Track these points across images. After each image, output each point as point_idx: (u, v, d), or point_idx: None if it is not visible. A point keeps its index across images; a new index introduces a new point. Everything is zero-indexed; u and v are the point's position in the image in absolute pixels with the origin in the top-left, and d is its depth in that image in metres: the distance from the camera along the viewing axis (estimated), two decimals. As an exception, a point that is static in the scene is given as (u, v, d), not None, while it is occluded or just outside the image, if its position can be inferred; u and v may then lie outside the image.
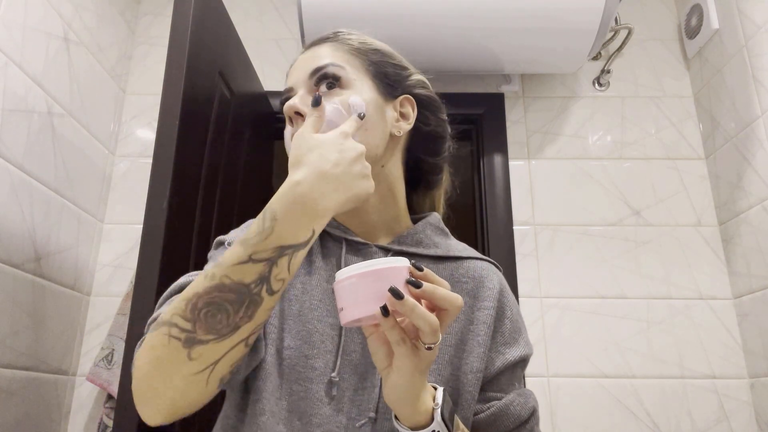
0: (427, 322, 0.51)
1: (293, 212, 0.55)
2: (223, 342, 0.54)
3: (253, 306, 0.54)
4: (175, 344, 0.53)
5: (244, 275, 0.53)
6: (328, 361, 0.66)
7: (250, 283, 0.53)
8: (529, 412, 0.69)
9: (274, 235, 0.54)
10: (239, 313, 0.53)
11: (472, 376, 0.68)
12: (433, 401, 0.57)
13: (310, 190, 0.55)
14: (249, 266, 0.53)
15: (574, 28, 1.54)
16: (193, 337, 0.53)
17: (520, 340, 0.73)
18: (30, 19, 1.38)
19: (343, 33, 0.78)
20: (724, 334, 1.59)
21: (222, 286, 0.53)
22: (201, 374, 0.54)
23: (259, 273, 0.54)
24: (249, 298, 0.54)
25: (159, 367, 0.54)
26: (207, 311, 0.53)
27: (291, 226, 0.54)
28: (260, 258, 0.54)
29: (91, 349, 1.59)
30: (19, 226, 1.33)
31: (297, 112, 0.71)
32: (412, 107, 0.78)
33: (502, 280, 0.77)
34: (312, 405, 0.64)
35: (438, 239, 0.79)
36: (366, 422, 0.64)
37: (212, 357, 0.54)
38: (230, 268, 0.53)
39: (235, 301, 0.53)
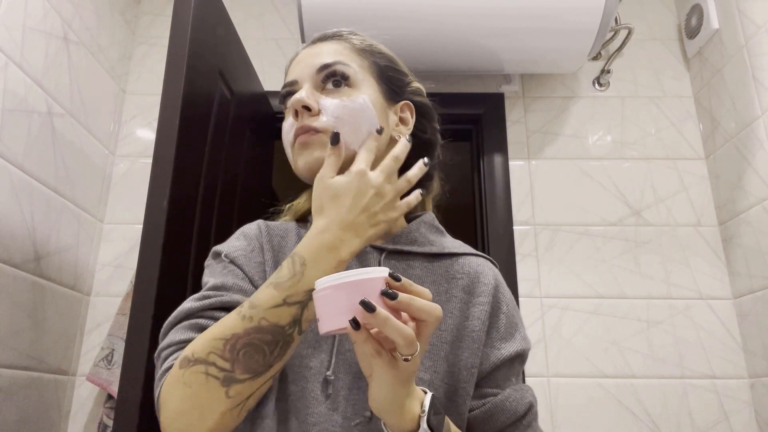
0: (401, 335, 0.49)
1: (320, 258, 0.59)
2: (258, 380, 0.58)
3: (285, 346, 0.58)
4: (213, 383, 0.56)
5: (280, 318, 0.57)
6: (323, 360, 0.66)
7: (285, 325, 0.58)
8: (526, 407, 0.68)
9: (305, 279, 0.58)
10: (274, 354, 0.58)
11: (466, 372, 0.68)
12: (421, 408, 0.56)
13: (334, 238, 0.60)
14: (284, 309, 0.58)
15: (574, 28, 1.54)
16: (231, 376, 0.57)
17: (516, 335, 0.72)
18: (30, 19, 1.38)
19: (350, 32, 0.78)
20: (724, 334, 1.59)
21: (260, 328, 0.57)
22: (235, 409, 0.58)
23: (293, 315, 0.58)
24: (283, 339, 0.58)
25: (196, 404, 0.57)
26: (245, 352, 0.57)
27: (319, 270, 0.59)
28: (293, 301, 0.58)
29: (91, 349, 1.59)
30: (19, 226, 1.33)
31: (305, 106, 0.71)
32: (411, 113, 0.80)
33: (498, 276, 0.76)
34: (308, 404, 0.64)
35: (433, 237, 0.79)
36: (361, 421, 0.64)
37: (247, 393, 0.58)
38: (267, 311, 0.57)
39: (272, 342, 0.57)
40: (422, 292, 0.53)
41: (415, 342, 0.50)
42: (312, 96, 0.71)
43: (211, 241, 1.28)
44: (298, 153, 0.72)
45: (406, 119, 0.79)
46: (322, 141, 0.70)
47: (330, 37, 0.77)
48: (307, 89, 0.72)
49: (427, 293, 0.53)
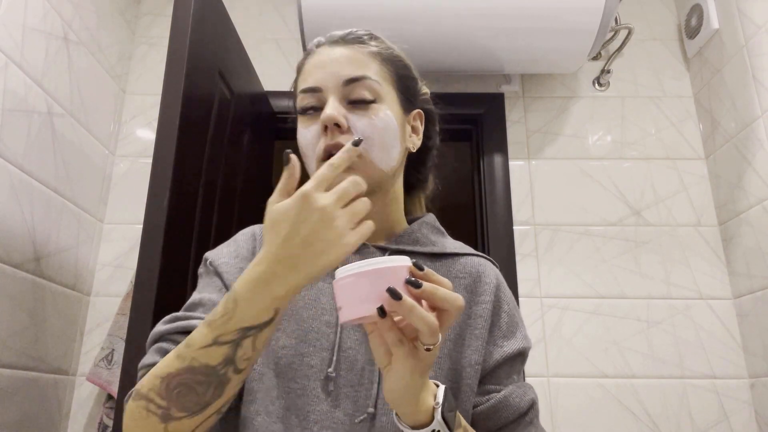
0: (426, 323, 0.50)
1: (253, 294, 0.54)
2: (195, 417, 0.57)
3: (221, 386, 0.56)
4: (153, 419, 0.57)
5: (210, 358, 0.55)
6: (325, 358, 0.67)
7: (216, 366, 0.55)
8: (528, 403, 0.69)
9: (236, 318, 0.54)
10: (208, 393, 0.56)
11: (470, 369, 0.68)
12: (434, 400, 0.56)
13: (266, 272, 0.54)
14: (214, 349, 0.55)
15: (574, 28, 1.54)
16: (168, 413, 0.56)
17: (517, 333, 0.73)
18: (30, 19, 1.38)
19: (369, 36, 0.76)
20: (724, 334, 1.59)
21: (191, 369, 0.56)
22: None
23: (225, 355, 0.55)
24: (217, 380, 0.56)
25: None
26: (179, 391, 0.56)
27: (251, 308, 0.54)
28: (224, 341, 0.55)
29: (91, 349, 1.59)
30: (19, 226, 1.33)
31: (336, 123, 0.69)
32: (421, 121, 0.80)
33: (498, 276, 0.77)
34: (309, 402, 0.65)
35: (434, 238, 0.80)
36: (365, 418, 0.64)
37: (187, 428, 0.57)
38: (197, 351, 0.55)
39: (204, 383, 0.56)
40: (443, 281, 0.53)
41: (438, 330, 0.51)
42: (341, 112, 0.69)
43: (211, 241, 1.28)
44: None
45: (417, 128, 0.79)
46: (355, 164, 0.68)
47: (351, 40, 0.75)
48: (335, 105, 0.69)
49: (448, 283, 0.53)
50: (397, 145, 0.73)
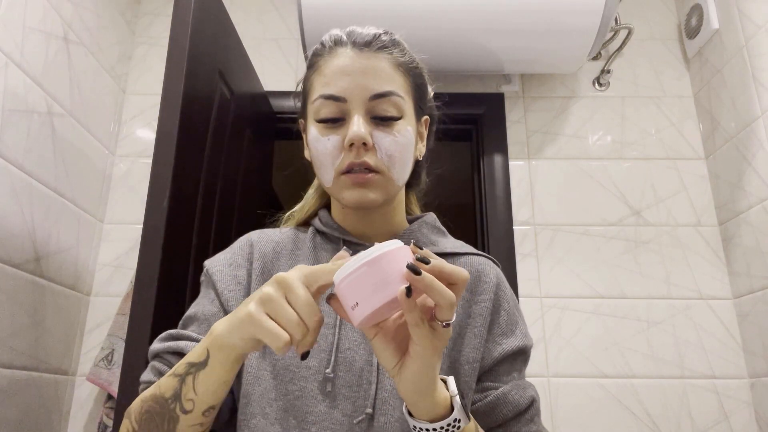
0: (445, 296, 0.49)
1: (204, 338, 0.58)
2: None
3: (172, 422, 0.58)
4: None
5: (166, 389, 0.58)
6: (323, 360, 0.67)
7: (168, 399, 0.58)
8: (528, 401, 0.69)
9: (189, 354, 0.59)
10: (163, 426, 0.58)
11: (468, 367, 0.68)
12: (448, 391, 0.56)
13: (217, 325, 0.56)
14: (170, 380, 0.59)
15: (574, 28, 1.54)
16: None
17: (517, 331, 0.73)
18: (30, 19, 1.38)
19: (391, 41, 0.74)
20: (724, 334, 1.59)
21: (155, 396, 0.59)
22: None
23: (174, 389, 0.58)
24: (168, 415, 0.58)
25: None
26: (145, 418, 0.59)
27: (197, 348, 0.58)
28: (177, 373, 0.58)
29: (91, 349, 1.59)
30: (19, 226, 1.33)
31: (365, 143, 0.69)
32: (426, 126, 0.80)
33: (499, 275, 0.77)
34: (307, 403, 0.65)
35: (435, 237, 0.80)
36: (363, 418, 0.64)
37: None
38: (165, 377, 0.59)
39: (159, 414, 0.58)
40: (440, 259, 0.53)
41: (455, 304, 0.50)
42: (367, 130, 0.69)
43: (211, 241, 1.28)
44: (350, 188, 0.70)
45: (423, 134, 0.80)
46: (377, 183, 0.70)
47: (378, 48, 0.72)
48: (362, 123, 0.68)
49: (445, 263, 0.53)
50: (411, 159, 0.74)
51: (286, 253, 0.76)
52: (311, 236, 0.78)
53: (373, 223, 0.77)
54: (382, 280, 0.49)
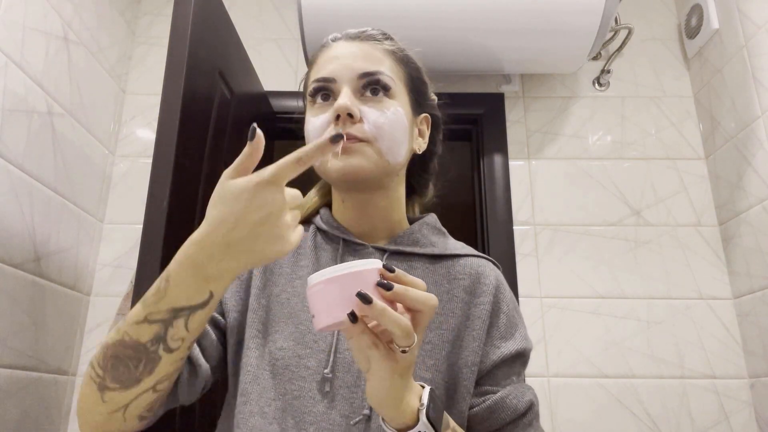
0: (399, 325, 0.49)
1: (185, 275, 0.53)
2: (129, 391, 0.57)
3: (151, 363, 0.56)
4: (92, 386, 0.58)
5: (140, 335, 0.55)
6: (321, 360, 0.67)
7: (146, 342, 0.55)
8: (526, 405, 0.69)
9: (167, 298, 0.54)
10: (138, 369, 0.56)
11: (467, 370, 0.68)
12: (420, 401, 0.56)
13: (199, 253, 0.52)
14: (145, 326, 0.55)
15: (574, 28, 1.54)
16: (103, 383, 0.57)
17: (516, 334, 0.73)
18: (30, 19, 1.38)
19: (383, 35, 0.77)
20: (724, 334, 1.59)
21: (123, 342, 0.56)
22: (115, 413, 0.58)
23: (155, 333, 0.55)
24: (146, 357, 0.56)
25: (83, 401, 0.60)
26: (112, 363, 0.56)
27: (183, 289, 0.53)
28: (154, 319, 0.54)
29: (91, 349, 1.59)
30: (19, 226, 1.33)
31: (350, 113, 0.69)
32: (428, 126, 0.81)
33: (499, 276, 0.77)
34: (305, 403, 0.64)
35: (435, 238, 0.79)
36: (361, 419, 0.64)
37: (121, 402, 0.58)
38: (130, 326, 0.56)
39: (134, 357, 0.56)
40: (416, 282, 0.53)
41: (412, 333, 0.50)
42: (354, 102, 0.70)
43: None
44: (334, 156, 0.70)
45: (424, 132, 0.80)
46: (363, 151, 0.69)
47: (366, 37, 0.76)
48: (349, 95, 0.70)
49: (422, 284, 0.53)
50: (405, 142, 0.74)
51: None
52: (312, 235, 0.78)
53: (371, 218, 0.76)
54: (338, 301, 0.50)
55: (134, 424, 0.60)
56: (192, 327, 0.55)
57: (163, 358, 0.56)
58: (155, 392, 0.58)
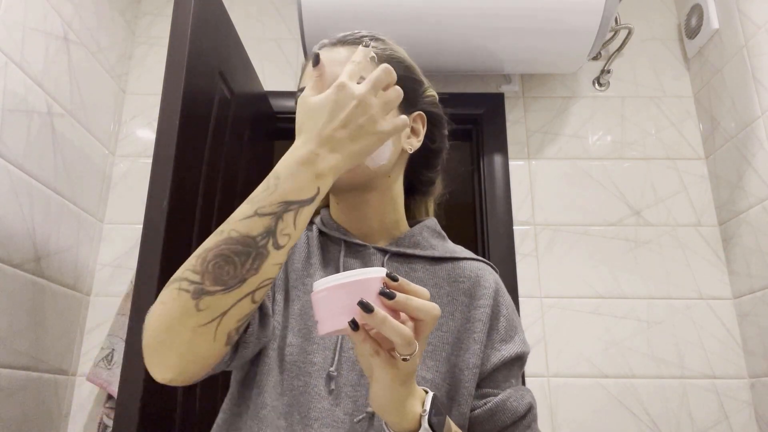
0: (399, 334, 0.49)
1: (296, 171, 0.58)
2: (231, 293, 0.55)
3: (259, 259, 0.55)
4: (184, 296, 0.54)
5: (251, 229, 0.55)
6: (327, 357, 0.67)
7: (257, 236, 0.55)
8: (526, 407, 0.70)
9: (278, 192, 0.57)
10: (246, 266, 0.55)
11: (468, 372, 0.69)
12: (422, 407, 0.56)
13: (309, 153, 0.58)
14: (255, 220, 0.56)
15: (574, 28, 1.54)
16: (201, 288, 0.54)
17: (515, 337, 0.74)
18: (30, 19, 1.38)
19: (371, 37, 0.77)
20: (724, 334, 1.59)
21: (230, 239, 0.55)
22: (208, 326, 0.55)
23: (266, 226, 0.56)
24: (255, 251, 0.55)
25: (168, 320, 0.55)
26: (215, 263, 0.54)
27: (293, 183, 0.57)
28: (265, 212, 0.56)
29: (91, 349, 1.59)
30: (19, 226, 1.33)
31: None
32: (423, 124, 0.80)
33: (497, 280, 0.78)
34: (311, 399, 0.65)
35: (435, 241, 0.80)
36: (364, 417, 0.65)
37: (220, 308, 0.55)
38: (238, 222, 0.56)
39: (242, 253, 0.55)
40: (419, 291, 0.53)
41: (413, 341, 0.51)
42: None
43: (211, 241, 1.28)
44: None
45: (418, 130, 0.79)
46: None
47: (350, 41, 0.75)
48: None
49: (425, 292, 0.53)
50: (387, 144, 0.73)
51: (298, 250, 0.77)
52: (316, 235, 0.79)
53: (366, 218, 0.77)
54: (341, 308, 0.50)
55: (222, 346, 0.56)
56: (299, 223, 0.57)
57: (270, 254, 0.56)
58: (253, 302, 0.57)
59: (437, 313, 0.52)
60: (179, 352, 0.55)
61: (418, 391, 0.57)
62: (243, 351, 0.62)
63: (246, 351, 0.63)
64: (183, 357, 0.55)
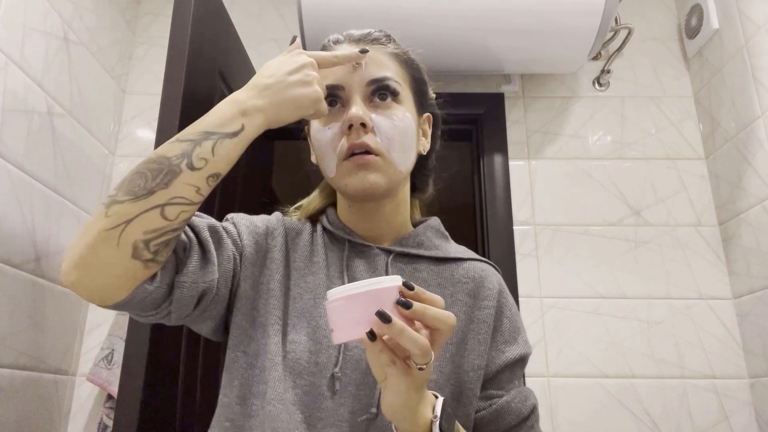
0: (417, 344, 0.50)
1: (222, 108, 0.63)
2: (137, 203, 0.57)
3: (170, 175, 0.58)
4: (100, 209, 0.58)
5: (168, 150, 0.60)
6: (331, 356, 0.67)
7: (172, 157, 0.59)
8: (530, 409, 0.70)
9: (202, 123, 0.62)
10: (156, 180, 0.58)
11: (473, 374, 0.69)
12: (432, 412, 0.56)
13: (239, 96, 0.64)
14: (175, 144, 0.60)
15: (574, 28, 1.54)
16: (114, 198, 0.58)
17: (519, 339, 0.74)
18: (30, 19, 1.38)
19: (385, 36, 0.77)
20: (724, 334, 1.59)
21: (148, 159, 0.60)
22: (112, 231, 0.57)
23: (183, 149, 0.60)
24: (168, 168, 0.59)
25: (83, 227, 0.59)
26: (130, 179, 0.59)
27: (217, 116, 0.62)
28: (186, 139, 0.61)
29: (91, 349, 1.59)
30: (19, 226, 1.33)
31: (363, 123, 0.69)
32: (429, 125, 0.81)
33: (500, 281, 0.78)
34: (315, 398, 0.65)
35: (438, 242, 0.80)
36: (367, 416, 0.65)
37: (125, 215, 0.57)
38: (160, 147, 0.61)
39: (155, 170, 0.58)
40: (435, 300, 0.53)
41: (429, 351, 0.51)
42: (366, 112, 0.70)
43: (211, 241, 1.28)
44: (351, 172, 0.70)
45: (427, 131, 0.81)
46: (378, 166, 0.70)
47: (371, 41, 0.75)
48: (360, 104, 0.70)
49: (440, 301, 0.53)
50: (414, 147, 0.75)
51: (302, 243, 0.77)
52: (321, 233, 0.78)
53: (378, 221, 0.77)
54: (357, 317, 0.50)
55: (127, 254, 0.57)
56: (218, 152, 0.61)
57: (183, 172, 0.59)
58: (162, 217, 0.58)
59: (453, 322, 0.52)
60: (81, 254, 0.57)
61: (429, 396, 0.57)
62: (178, 293, 0.63)
63: (181, 293, 0.63)
64: (86, 259, 0.57)
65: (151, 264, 0.59)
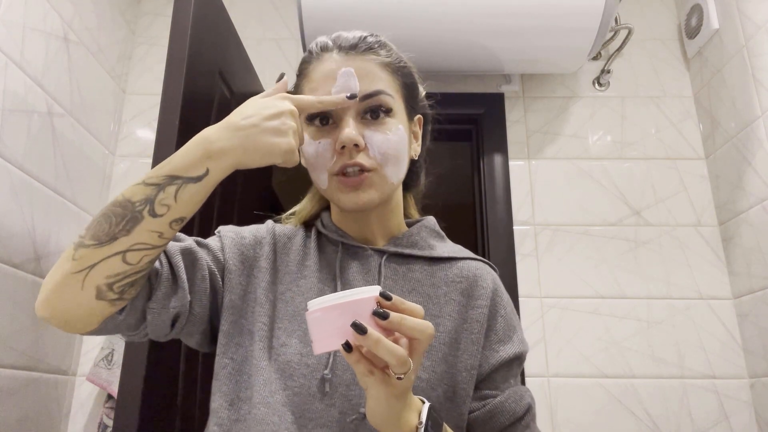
0: (394, 355, 0.50)
1: (189, 149, 0.61)
2: (101, 249, 0.58)
3: (132, 222, 0.59)
4: (69, 250, 0.60)
5: (133, 194, 0.60)
6: (321, 358, 0.67)
7: (136, 202, 0.59)
8: (524, 408, 0.70)
9: (168, 166, 0.60)
10: (119, 226, 0.59)
11: (466, 374, 0.69)
12: (418, 418, 0.56)
13: (209, 135, 0.62)
14: (140, 187, 0.60)
15: (574, 28, 1.54)
16: (81, 241, 0.59)
17: (514, 337, 0.73)
18: (30, 19, 1.38)
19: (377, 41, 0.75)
20: (724, 334, 1.59)
21: (115, 201, 0.60)
22: (77, 275, 0.59)
23: (146, 194, 0.59)
24: (131, 214, 0.59)
25: (55, 266, 0.61)
26: (98, 221, 0.59)
27: (184, 159, 0.60)
28: (151, 183, 0.60)
29: (91, 349, 1.59)
30: (19, 226, 1.33)
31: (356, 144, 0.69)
32: (420, 126, 0.80)
33: (496, 280, 0.77)
34: (305, 400, 0.65)
35: (433, 241, 0.80)
36: (357, 417, 0.65)
37: (89, 261, 0.59)
38: (128, 188, 0.61)
39: (119, 215, 0.59)
40: (414, 309, 0.53)
41: (407, 361, 0.51)
42: (359, 131, 0.69)
43: (211, 241, 1.28)
44: (345, 191, 0.70)
45: (417, 133, 0.80)
46: (372, 182, 0.70)
47: (363, 50, 0.73)
48: (353, 124, 0.69)
49: (419, 310, 0.53)
50: (406, 158, 0.74)
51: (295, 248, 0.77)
52: (315, 237, 0.79)
53: (370, 225, 0.77)
54: (335, 329, 0.51)
55: (91, 296, 0.59)
56: (181, 197, 0.59)
57: (144, 219, 0.59)
58: (124, 262, 0.59)
59: (431, 332, 0.52)
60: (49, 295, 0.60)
61: (415, 402, 0.57)
62: (150, 318, 0.65)
63: (153, 318, 0.65)
64: (53, 299, 0.60)
65: (117, 302, 0.62)
